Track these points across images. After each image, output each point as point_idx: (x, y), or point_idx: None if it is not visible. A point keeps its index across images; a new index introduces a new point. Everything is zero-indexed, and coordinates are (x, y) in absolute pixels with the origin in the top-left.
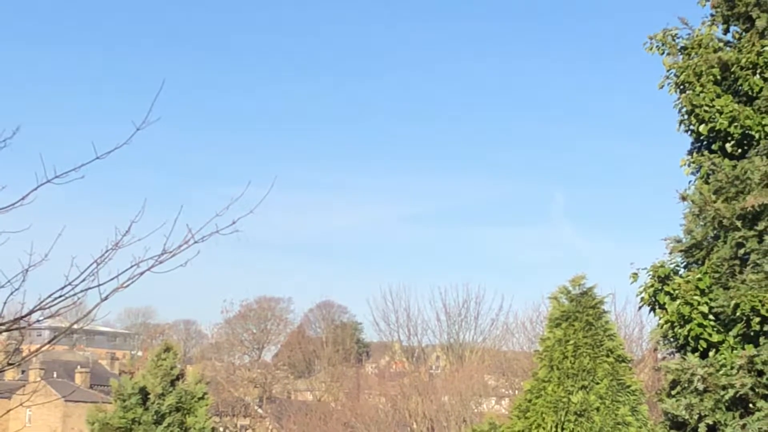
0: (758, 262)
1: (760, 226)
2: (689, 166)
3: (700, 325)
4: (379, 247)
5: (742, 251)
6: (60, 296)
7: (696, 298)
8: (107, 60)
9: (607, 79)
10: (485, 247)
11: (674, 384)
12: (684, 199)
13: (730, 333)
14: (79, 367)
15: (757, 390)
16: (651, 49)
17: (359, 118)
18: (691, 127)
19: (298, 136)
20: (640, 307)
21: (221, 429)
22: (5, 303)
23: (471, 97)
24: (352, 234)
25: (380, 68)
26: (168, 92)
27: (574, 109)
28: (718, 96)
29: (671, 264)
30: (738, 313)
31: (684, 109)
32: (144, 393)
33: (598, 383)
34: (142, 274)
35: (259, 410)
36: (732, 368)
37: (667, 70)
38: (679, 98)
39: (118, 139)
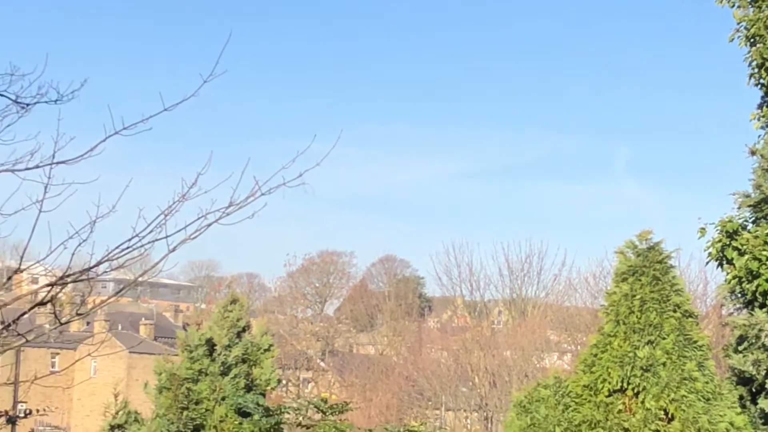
0: None
1: None
2: (759, 120)
3: None
4: (442, 201)
5: None
6: (127, 248)
7: (765, 253)
8: (175, 12)
9: (675, 32)
10: (548, 203)
11: (741, 340)
12: (753, 153)
13: None
14: (143, 319)
15: None
16: (721, 1)
17: (423, 73)
18: (762, 80)
19: (362, 91)
20: (707, 263)
21: (284, 381)
22: (73, 254)
23: (533, 51)
24: (415, 189)
25: (443, 24)
26: (235, 45)
27: (640, 63)
28: None
29: (739, 219)
30: None
31: (754, 63)
32: (210, 344)
33: (664, 338)
34: (209, 225)
35: (322, 363)
36: None
37: (738, 23)
38: (749, 51)
39: (186, 92)
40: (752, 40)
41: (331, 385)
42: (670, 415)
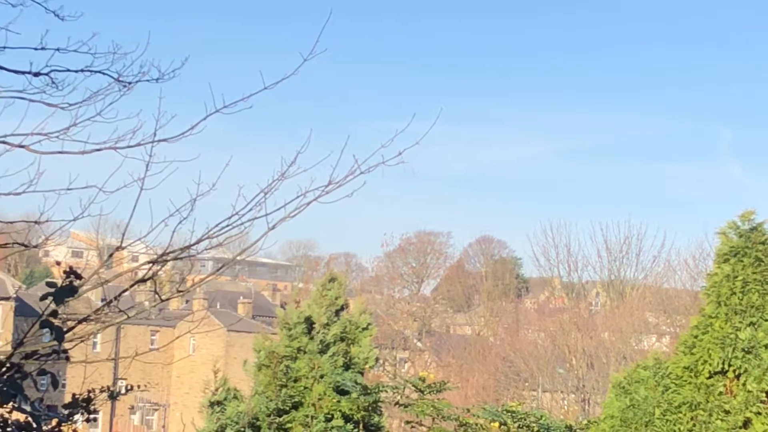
0: None
1: None
2: None
3: None
4: (540, 182)
5: None
6: (227, 225)
7: None
8: None
9: None
10: (648, 184)
11: None
12: None
13: None
14: (241, 297)
15: None
16: None
17: (522, 53)
18: None
19: (461, 71)
20: None
21: (381, 361)
22: (174, 232)
23: (633, 32)
24: (512, 168)
25: (545, 4)
26: (334, 23)
27: (746, 45)
28: None
29: None
30: None
31: None
32: (309, 322)
33: (766, 320)
34: (308, 204)
35: (418, 343)
36: None
37: None
38: None
39: (286, 70)
40: None
41: (428, 365)
42: None
